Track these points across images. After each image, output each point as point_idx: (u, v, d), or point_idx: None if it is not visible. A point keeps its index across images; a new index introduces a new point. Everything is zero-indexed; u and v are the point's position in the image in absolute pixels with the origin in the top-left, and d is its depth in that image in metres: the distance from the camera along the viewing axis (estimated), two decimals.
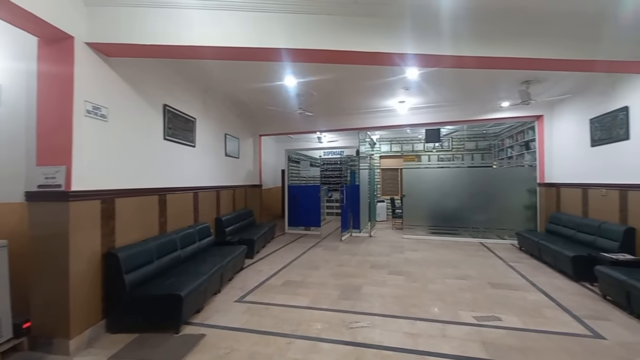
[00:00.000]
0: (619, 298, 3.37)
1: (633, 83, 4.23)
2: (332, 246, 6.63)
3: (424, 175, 7.77)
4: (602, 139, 4.91)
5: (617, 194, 4.53)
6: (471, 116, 6.84)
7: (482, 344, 2.68)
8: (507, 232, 6.99)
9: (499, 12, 3.26)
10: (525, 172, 7.10)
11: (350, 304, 3.59)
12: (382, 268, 4.97)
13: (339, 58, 3.43)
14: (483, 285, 4.13)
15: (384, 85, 5.34)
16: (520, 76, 4.91)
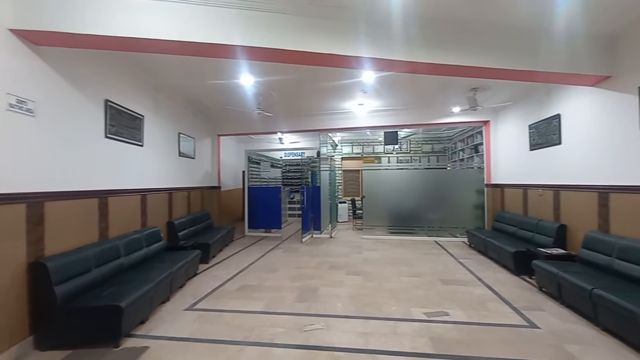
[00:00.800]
0: (552, 289, 3.67)
1: (565, 93, 4.65)
2: (292, 248, 6.57)
3: (383, 177, 7.99)
4: (539, 144, 5.36)
5: (552, 194, 4.96)
6: (426, 120, 7.16)
7: (430, 339, 2.78)
8: (459, 230, 7.38)
9: (448, 23, 3.43)
10: (474, 173, 7.56)
11: (306, 306, 3.56)
12: (341, 269, 5.00)
13: (296, 58, 3.40)
14: (434, 282, 4.30)
15: (342, 88, 5.40)
16: (468, 83, 5.21)
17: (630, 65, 3.48)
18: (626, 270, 3.22)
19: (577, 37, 3.64)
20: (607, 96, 3.80)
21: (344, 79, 4.87)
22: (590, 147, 4.13)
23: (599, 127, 3.97)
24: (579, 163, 4.33)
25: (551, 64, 3.67)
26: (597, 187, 3.97)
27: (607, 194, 3.81)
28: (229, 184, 9.53)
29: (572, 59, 3.68)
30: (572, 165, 4.49)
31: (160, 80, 4.94)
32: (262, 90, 5.32)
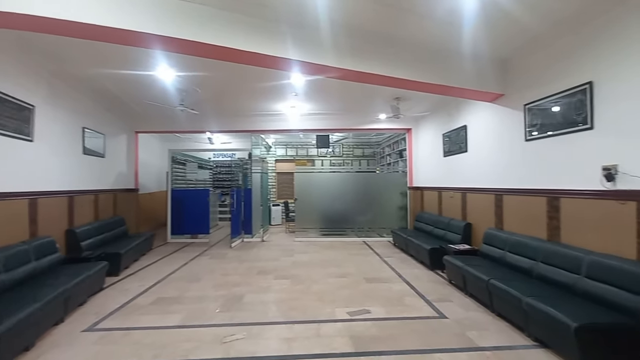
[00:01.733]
0: (458, 281, 4.09)
1: (470, 107, 5.26)
2: (220, 254, 6.24)
3: (315, 180, 8.09)
4: (451, 151, 5.97)
5: (460, 196, 5.56)
6: (355, 125, 7.46)
7: (350, 338, 2.84)
8: (386, 231, 7.84)
9: (374, 35, 3.62)
10: (399, 177, 8.12)
11: (229, 316, 3.37)
12: (269, 273, 4.89)
13: (219, 54, 3.23)
14: (360, 281, 4.46)
15: (274, 89, 5.32)
16: (392, 93, 5.57)
17: (517, 85, 4.08)
18: (515, 262, 3.73)
19: (481, 59, 4.16)
20: (502, 111, 4.40)
21: (274, 80, 4.79)
22: (489, 154, 4.73)
23: (496, 138, 4.57)
24: (481, 168, 4.93)
25: (461, 80, 4.14)
26: (494, 190, 4.56)
27: (501, 196, 4.40)
28: (151, 186, 8.69)
29: (477, 77, 4.19)
30: (475, 171, 5.09)
31: (59, 66, 4.25)
32: (186, 85, 4.95)
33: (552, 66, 3.50)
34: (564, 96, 3.34)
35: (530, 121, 3.85)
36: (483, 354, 2.57)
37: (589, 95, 3.04)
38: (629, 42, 2.68)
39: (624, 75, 2.73)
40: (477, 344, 2.72)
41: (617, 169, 2.78)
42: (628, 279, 2.47)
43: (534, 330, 2.75)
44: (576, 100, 3.19)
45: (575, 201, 3.23)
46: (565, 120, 3.33)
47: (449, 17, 3.20)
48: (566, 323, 2.32)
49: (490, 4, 2.96)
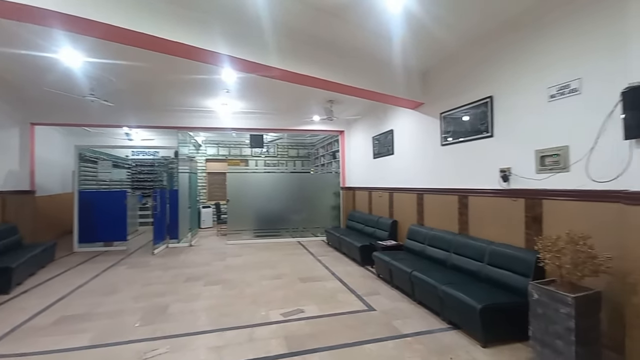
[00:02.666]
0: (386, 275, 4.37)
1: (396, 113, 5.69)
2: (141, 262, 5.64)
3: (249, 180, 7.87)
4: (380, 153, 6.37)
5: (388, 195, 5.97)
6: (290, 125, 7.47)
7: (284, 338, 2.82)
8: (320, 230, 8.00)
9: (312, 39, 3.69)
10: (332, 177, 8.37)
11: (152, 329, 3.06)
12: (199, 280, 4.59)
13: (138, 41, 2.93)
14: (294, 282, 4.47)
15: (203, 84, 5.02)
16: (325, 95, 5.71)
17: (435, 95, 4.54)
18: (434, 255, 4.14)
19: (406, 70, 4.53)
20: (423, 118, 4.85)
21: (203, 73, 4.51)
22: (412, 157, 5.17)
23: (417, 142, 5.01)
24: (405, 170, 5.36)
25: (389, 88, 4.46)
26: (416, 190, 5.00)
27: (422, 195, 4.85)
28: (53, 187, 7.45)
29: (403, 86, 4.55)
30: (400, 172, 5.52)
31: None
32: (98, 73, 4.36)
33: (462, 80, 3.98)
34: (471, 107, 3.82)
35: (444, 128, 4.32)
36: (406, 340, 2.79)
37: (490, 107, 3.53)
38: (519, 64, 3.18)
39: (514, 92, 3.24)
40: (401, 331, 2.94)
41: (510, 171, 3.28)
42: (519, 264, 2.93)
43: (448, 314, 3.08)
44: (480, 111, 3.68)
45: (480, 199, 3.72)
46: (472, 129, 3.81)
47: (379, 29, 3.41)
48: (472, 305, 2.65)
49: (414, 21, 3.24)
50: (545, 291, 2.23)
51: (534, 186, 3.01)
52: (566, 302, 2.08)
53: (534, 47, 3.01)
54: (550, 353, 2.20)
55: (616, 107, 2.23)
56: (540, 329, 2.27)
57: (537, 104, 2.98)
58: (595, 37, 2.49)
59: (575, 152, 2.65)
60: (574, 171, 2.66)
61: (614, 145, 2.28)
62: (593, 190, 2.49)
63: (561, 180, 2.77)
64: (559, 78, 2.77)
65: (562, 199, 2.75)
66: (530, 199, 3.06)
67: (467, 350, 2.61)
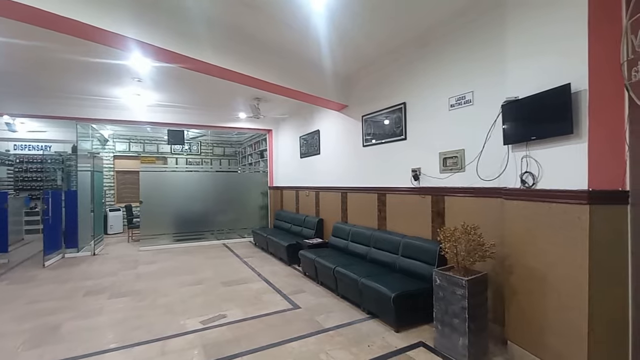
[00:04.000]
0: (311, 272, 4.45)
1: (322, 114, 5.84)
2: (27, 277, 4.71)
3: (167, 180, 7.20)
4: (307, 153, 6.47)
5: (314, 194, 6.09)
6: (214, 122, 7.09)
7: (202, 347, 2.65)
8: (247, 231, 7.76)
9: (237, 33, 3.57)
10: (260, 177, 8.21)
11: (39, 353, 2.58)
12: (102, 292, 4.03)
13: (19, 14, 2.42)
14: (216, 286, 4.24)
15: (108, 70, 4.41)
16: (252, 93, 5.55)
17: (357, 99, 4.79)
18: (355, 250, 4.36)
19: (332, 73, 4.69)
20: (346, 120, 5.07)
21: (107, 57, 3.96)
22: (337, 157, 5.37)
23: (342, 142, 5.23)
24: (331, 169, 5.54)
25: (315, 89, 4.55)
26: (340, 188, 5.20)
27: (346, 193, 5.07)
28: None
29: (328, 88, 4.70)
30: (326, 171, 5.69)
31: None
32: None
33: (381, 86, 4.28)
34: (389, 112, 4.13)
35: (366, 130, 4.59)
36: (328, 334, 2.87)
37: (404, 112, 3.87)
38: (427, 75, 3.56)
39: (423, 99, 3.61)
40: (323, 326, 3.02)
41: (420, 170, 3.64)
42: (426, 254, 3.27)
43: (367, 305, 3.27)
44: (396, 116, 4.01)
45: (396, 196, 4.04)
46: (390, 131, 4.13)
47: (305, 29, 3.44)
48: (387, 294, 2.86)
49: (339, 28, 3.37)
50: (445, 276, 2.53)
51: (439, 184, 3.39)
52: (461, 285, 2.39)
53: (438, 62, 3.40)
54: (448, 330, 2.50)
55: (498, 117, 2.64)
56: (441, 310, 2.56)
57: (441, 112, 3.37)
58: (483, 56, 2.92)
59: (469, 154, 3.06)
60: (468, 171, 3.08)
61: (496, 149, 2.70)
62: (482, 187, 2.91)
63: (459, 179, 3.18)
64: (457, 90, 3.18)
65: (459, 195, 3.16)
66: (435, 196, 3.44)
67: (382, 336, 2.81)
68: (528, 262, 2.32)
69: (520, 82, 2.37)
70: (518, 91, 2.37)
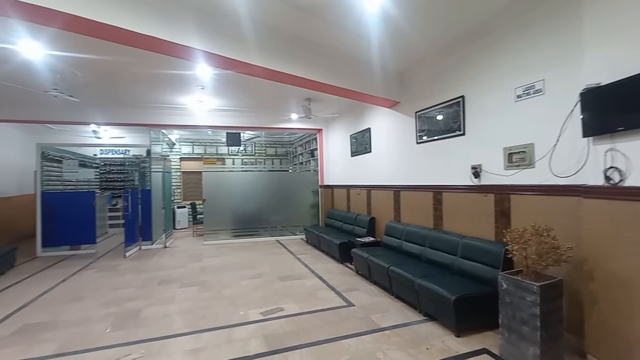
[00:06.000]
0: (364, 271, 4.44)
1: (373, 111, 5.77)
2: (111, 266, 5.40)
3: (226, 179, 7.71)
4: (357, 151, 6.45)
5: (366, 193, 6.05)
6: (267, 124, 7.39)
7: (264, 338, 2.81)
8: (299, 228, 7.99)
9: (291, 37, 3.67)
10: (311, 175, 8.37)
11: (123, 334, 2.95)
12: (173, 282, 4.46)
13: (102, 32, 2.77)
14: (273, 281, 4.44)
15: (177, 79, 4.85)
16: (303, 94, 5.70)
17: (410, 95, 4.65)
18: (410, 249, 4.25)
19: (383, 70, 4.61)
20: (399, 117, 4.95)
21: (177, 68, 4.35)
22: (389, 155, 5.27)
23: (394, 140, 5.12)
24: (382, 167, 5.46)
25: (367, 87, 4.52)
26: (393, 187, 5.10)
27: (399, 192, 4.96)
28: (9, 189, 6.96)
29: (380, 85, 4.63)
30: (378, 169, 5.61)
31: None
32: (62, 66, 4.11)
33: (436, 81, 4.10)
34: (444, 107, 3.95)
35: (420, 127, 4.44)
36: (384, 333, 2.85)
37: (462, 107, 3.67)
38: (488, 66, 3.33)
39: (484, 92, 3.38)
40: (379, 325, 3.00)
41: (481, 167, 3.43)
42: (488, 256, 3.07)
43: (424, 307, 3.18)
44: (453, 110, 3.82)
45: (453, 195, 3.85)
46: (446, 127, 3.94)
47: (356, 29, 3.45)
48: (446, 297, 2.75)
49: (391, 25, 3.31)
50: (513, 281, 2.35)
51: (503, 182, 3.16)
52: (532, 291, 2.21)
53: (501, 51, 3.16)
54: (516, 338, 2.32)
55: (575, 106, 2.38)
56: (508, 316, 2.39)
57: (505, 104, 3.13)
58: (557, 42, 2.64)
59: (539, 149, 2.80)
60: (538, 167, 2.82)
61: (573, 142, 2.44)
62: (554, 185, 2.65)
63: (527, 175, 2.93)
64: (524, 79, 2.92)
65: (528, 193, 2.91)
66: (499, 194, 3.21)
67: (442, 339, 2.71)
68: (612, 266, 2.07)
69: (603, 66, 2.11)
70: (599, 77, 2.11)
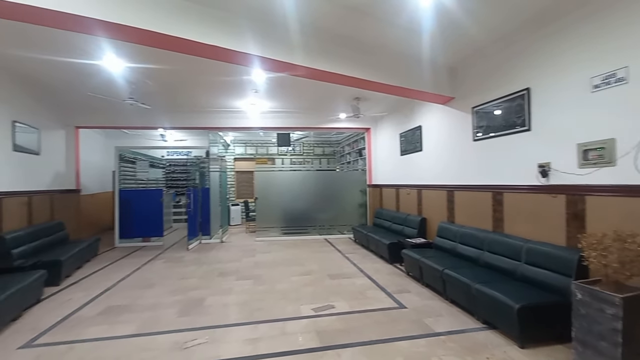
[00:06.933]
0: (415, 273, 4.32)
1: (424, 108, 5.57)
2: (176, 257, 5.92)
3: (276, 178, 8.00)
4: (407, 150, 6.28)
5: (416, 193, 5.87)
6: (316, 124, 7.52)
7: (316, 333, 2.88)
8: (346, 228, 8.00)
9: (338, 37, 3.69)
10: (359, 175, 8.34)
11: (189, 320, 3.23)
12: (231, 275, 4.75)
13: (172, 45, 3.05)
14: (323, 278, 4.52)
15: (233, 85, 5.17)
16: (352, 93, 5.70)
17: (466, 90, 4.40)
18: (465, 252, 4.04)
19: (435, 65, 4.45)
20: (452, 113, 4.72)
21: (233, 75, 4.64)
22: (441, 153, 5.05)
23: (447, 138, 4.89)
24: (434, 166, 5.25)
25: (418, 83, 4.39)
26: (446, 186, 4.88)
27: (453, 192, 4.73)
28: (93, 187, 7.96)
29: (432, 81, 4.47)
30: (429, 169, 5.41)
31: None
32: (136, 77, 4.62)
33: (496, 73, 3.83)
34: (505, 101, 3.68)
35: (477, 123, 4.19)
36: (439, 338, 2.75)
37: (527, 100, 3.39)
38: (558, 54, 3.03)
39: (554, 83, 3.09)
40: (433, 329, 2.91)
41: (550, 166, 3.13)
42: (559, 263, 2.80)
43: (482, 313, 3.00)
44: (516, 104, 3.54)
45: (516, 195, 3.58)
46: (507, 123, 3.67)
47: (408, 24, 3.36)
48: (509, 304, 2.57)
49: (444, 16, 3.17)
50: (590, 291, 2.12)
51: (576, 181, 2.86)
52: (613, 303, 1.97)
53: (575, 37, 2.86)
54: (592, 354, 2.10)
55: None
56: (583, 329, 2.17)
57: (579, 95, 2.83)
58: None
59: (622, 145, 2.49)
60: (620, 165, 2.50)
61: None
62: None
63: (606, 175, 2.62)
64: (602, 67, 2.62)
65: (607, 194, 2.60)
66: (571, 195, 2.91)
67: (504, 350, 2.54)
68: None
69: None
70: None
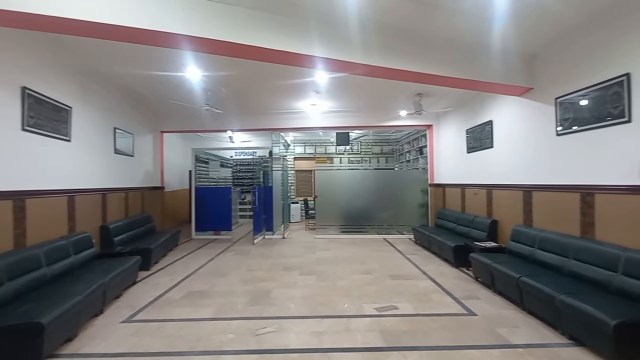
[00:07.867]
0: (486, 279, 4.03)
1: (496, 102, 5.15)
2: (244, 250, 6.37)
3: (335, 177, 8.11)
4: (475, 147, 5.87)
5: (485, 193, 5.46)
6: (376, 122, 7.43)
7: (380, 332, 2.87)
8: (406, 228, 7.77)
9: (401, 32, 3.61)
10: (419, 174, 8.03)
11: (259, 309, 3.46)
12: (294, 269, 4.96)
13: (245, 53, 3.29)
14: (384, 278, 4.47)
15: (296, 87, 5.37)
16: (414, 89, 5.52)
17: (548, 79, 3.96)
18: (545, 259, 3.65)
19: (508, 54, 4.08)
20: (530, 105, 4.29)
21: (297, 77, 4.83)
22: (517, 150, 4.62)
23: (524, 132, 4.46)
24: (508, 164, 4.82)
25: (488, 75, 4.07)
26: (522, 186, 4.46)
27: (530, 192, 4.30)
28: (174, 184, 8.94)
29: (505, 71, 4.12)
30: (501, 167, 4.99)
31: (88, 64, 4.38)
32: (211, 85, 5.07)
33: (585, 59, 3.38)
34: (598, 89, 3.23)
35: (561, 115, 3.74)
36: (516, 351, 2.54)
37: (627, 87, 2.93)
38: None
39: None
40: (508, 340, 2.70)
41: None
42: None
43: (568, 328, 2.69)
44: (612, 92, 3.08)
45: (611, 197, 3.12)
46: (600, 114, 3.22)
47: (478, 11, 3.15)
48: (604, 320, 2.27)
49: None
50: None
51: None
52: None
53: None
54: None
55: None
56: None
57: None
58: None
59: None
60: None
61: None
62: None
63: None
64: None
65: None
66: None
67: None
68: None
69: None
70: None
